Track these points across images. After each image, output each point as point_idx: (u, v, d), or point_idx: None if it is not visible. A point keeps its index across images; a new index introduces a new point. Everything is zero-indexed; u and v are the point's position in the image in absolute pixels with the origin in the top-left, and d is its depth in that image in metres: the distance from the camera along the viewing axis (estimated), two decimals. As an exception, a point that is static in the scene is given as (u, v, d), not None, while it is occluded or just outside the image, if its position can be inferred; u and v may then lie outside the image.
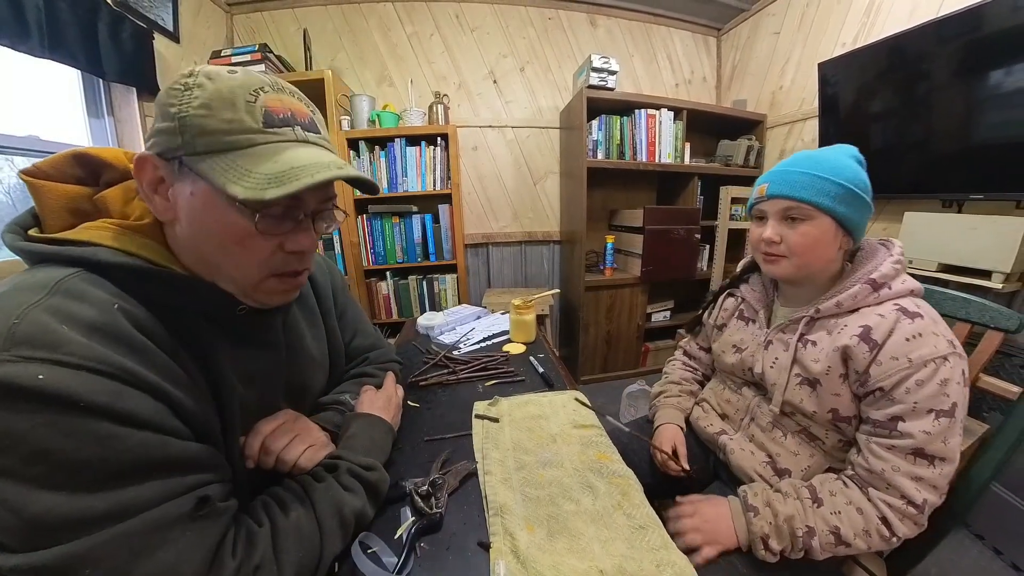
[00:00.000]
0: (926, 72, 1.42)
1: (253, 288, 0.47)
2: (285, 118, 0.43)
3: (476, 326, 1.33)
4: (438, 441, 0.73)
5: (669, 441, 0.83)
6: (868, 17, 1.75)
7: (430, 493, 0.58)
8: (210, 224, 0.42)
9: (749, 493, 0.66)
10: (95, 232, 0.41)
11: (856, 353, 0.59)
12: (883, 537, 0.57)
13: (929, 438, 0.54)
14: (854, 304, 0.62)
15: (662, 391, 0.96)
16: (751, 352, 0.76)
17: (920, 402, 0.54)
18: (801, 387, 0.66)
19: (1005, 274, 1.24)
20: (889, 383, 0.56)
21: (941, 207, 1.48)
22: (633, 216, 2.24)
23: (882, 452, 0.57)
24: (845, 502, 0.59)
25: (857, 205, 0.63)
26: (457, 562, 0.50)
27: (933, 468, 0.55)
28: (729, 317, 0.85)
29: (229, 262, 0.44)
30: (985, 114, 1.29)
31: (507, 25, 2.34)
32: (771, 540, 0.60)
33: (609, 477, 0.64)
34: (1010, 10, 1.18)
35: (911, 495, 0.55)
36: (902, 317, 0.57)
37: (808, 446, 0.69)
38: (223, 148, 0.40)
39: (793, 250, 0.65)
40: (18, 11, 1.08)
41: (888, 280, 0.61)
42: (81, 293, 0.36)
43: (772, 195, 0.66)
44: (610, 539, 0.53)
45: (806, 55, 2.06)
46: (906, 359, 0.55)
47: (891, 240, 0.68)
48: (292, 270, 0.48)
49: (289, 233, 0.46)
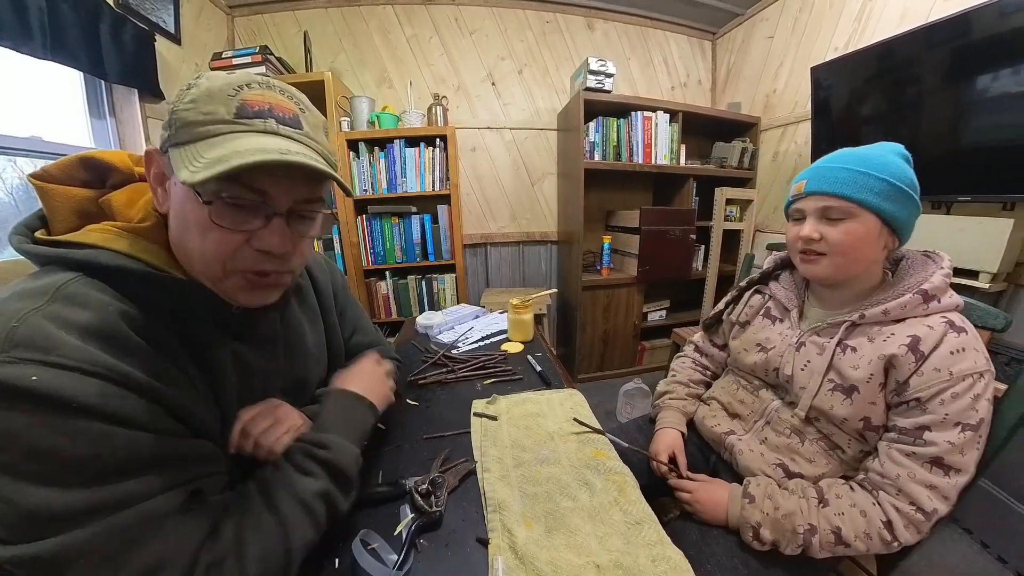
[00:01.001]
0: (916, 76, 1.43)
1: (218, 284, 0.45)
2: (260, 111, 0.41)
3: (474, 325, 1.33)
4: (437, 439, 0.73)
5: (667, 448, 0.80)
6: (859, 22, 1.76)
7: (430, 491, 0.58)
8: (184, 214, 0.42)
9: (753, 483, 0.66)
10: (98, 235, 0.42)
11: (902, 363, 0.57)
12: (884, 541, 0.57)
13: (951, 449, 0.54)
14: (903, 314, 0.60)
15: (667, 391, 0.93)
16: (779, 352, 0.72)
17: (951, 414, 0.54)
18: (833, 393, 0.63)
19: (992, 274, 1.26)
20: (927, 394, 0.55)
21: (930, 208, 1.49)
22: (630, 217, 2.24)
23: (901, 458, 0.57)
24: (850, 504, 0.59)
25: (904, 202, 0.60)
26: (456, 558, 0.51)
27: (948, 478, 0.55)
28: (754, 315, 0.81)
29: (198, 253, 0.43)
30: (973, 118, 1.30)
31: (505, 28, 2.34)
32: (763, 529, 0.61)
33: (606, 474, 0.64)
34: (996, 17, 1.19)
35: (922, 502, 0.55)
36: (949, 330, 0.56)
37: (827, 454, 0.67)
38: (194, 138, 0.40)
39: (834, 248, 0.62)
40: (21, 13, 1.07)
41: (939, 293, 0.60)
42: (80, 298, 0.37)
43: (811, 192, 0.63)
44: (606, 535, 0.54)
45: (799, 59, 2.06)
46: (948, 372, 0.54)
47: (938, 252, 0.66)
48: (260, 270, 0.45)
49: (257, 230, 0.43)
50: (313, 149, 0.45)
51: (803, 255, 0.67)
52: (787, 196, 0.70)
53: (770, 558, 0.62)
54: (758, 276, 0.84)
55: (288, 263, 0.47)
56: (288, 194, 0.44)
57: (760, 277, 0.84)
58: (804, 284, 0.77)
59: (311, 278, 0.72)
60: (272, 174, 0.41)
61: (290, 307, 0.64)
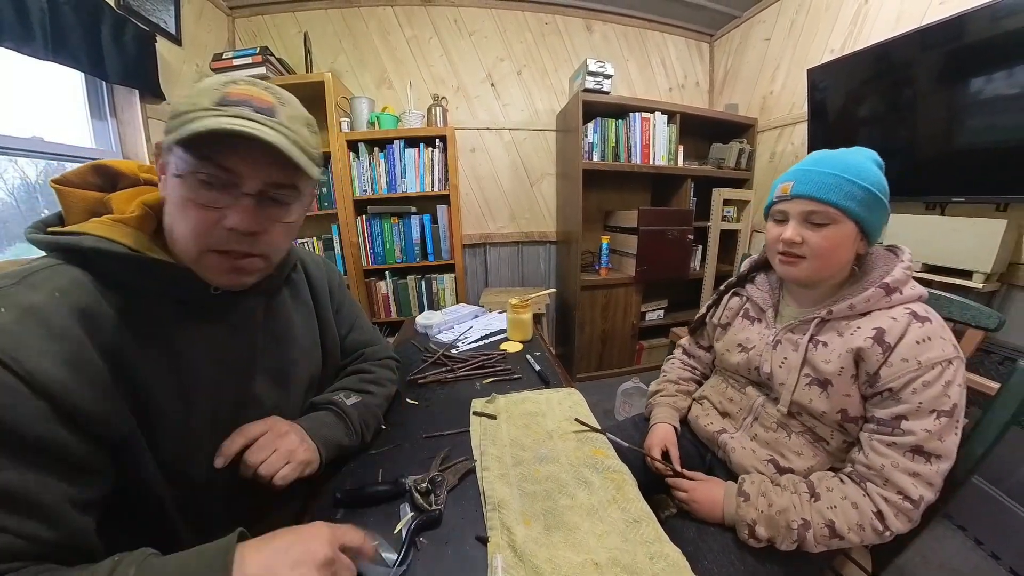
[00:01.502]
0: (910, 79, 1.43)
1: (195, 262, 0.48)
2: (238, 100, 0.45)
3: (474, 325, 1.33)
4: (436, 438, 0.73)
5: (660, 443, 0.81)
6: (855, 25, 1.77)
7: (430, 490, 0.58)
8: (171, 197, 0.46)
9: (747, 481, 0.67)
10: (92, 225, 0.47)
11: (869, 355, 0.59)
12: (876, 531, 0.57)
13: (929, 436, 0.55)
14: (867, 307, 0.62)
15: (658, 390, 0.95)
16: (758, 351, 0.74)
17: (925, 402, 0.55)
18: (811, 387, 0.65)
19: (985, 274, 1.26)
20: (898, 384, 0.56)
21: (925, 209, 1.50)
22: (628, 217, 2.24)
23: (883, 449, 0.58)
24: (841, 497, 0.60)
25: (880, 210, 0.62)
26: (455, 556, 0.51)
27: (930, 465, 0.56)
28: (734, 316, 0.83)
29: (179, 233, 0.47)
30: (966, 120, 1.31)
31: (505, 29, 2.34)
32: (758, 527, 0.61)
33: (604, 472, 0.65)
34: (990, 20, 1.19)
35: (908, 491, 0.56)
36: (913, 321, 0.57)
37: (812, 447, 0.68)
38: (179, 124, 0.43)
39: (815, 252, 0.63)
40: (23, 14, 1.07)
41: (900, 285, 0.61)
42: (39, 281, 0.41)
43: (798, 195, 0.64)
44: (605, 532, 0.54)
45: (795, 61, 2.07)
46: (916, 361, 0.55)
47: (899, 246, 0.67)
48: (232, 249, 0.47)
49: (225, 208, 0.46)
50: (284, 136, 0.46)
51: (782, 256, 0.67)
52: (770, 196, 0.70)
53: (766, 554, 0.63)
54: (735, 279, 0.86)
55: (257, 245, 0.49)
56: (257, 176, 0.46)
57: (737, 280, 0.86)
58: (779, 284, 0.79)
59: (306, 273, 0.73)
60: (238, 152, 0.44)
61: (279, 298, 0.65)
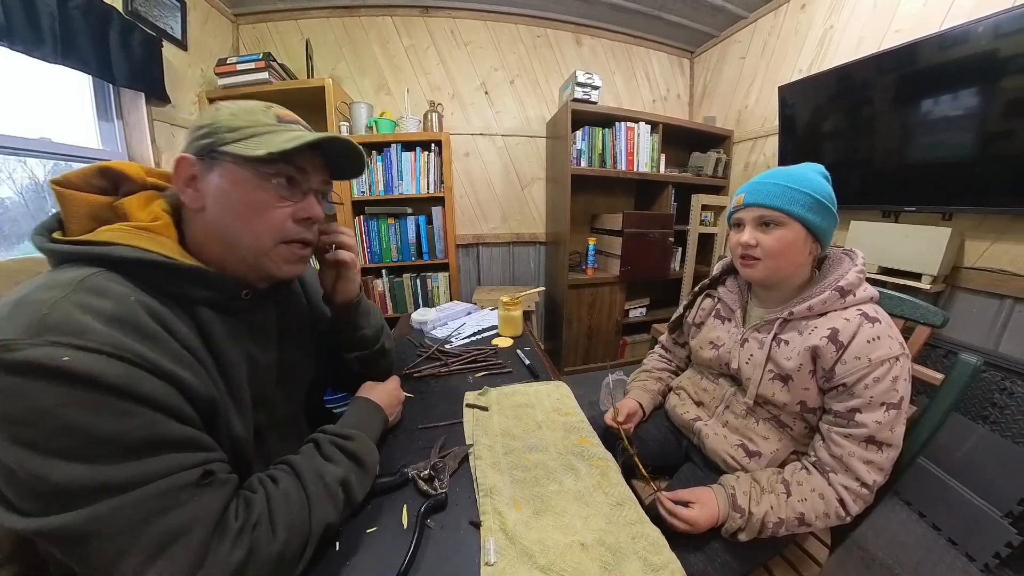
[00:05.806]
0: (870, 99, 1.47)
1: (265, 255, 0.50)
2: (290, 120, 0.52)
3: (467, 321, 1.33)
4: (431, 429, 0.74)
5: (625, 409, 0.85)
6: (821, 47, 1.80)
7: (432, 476, 0.59)
8: (235, 199, 0.47)
9: (738, 492, 0.64)
10: (113, 234, 0.43)
11: (824, 353, 0.60)
12: (839, 516, 0.60)
13: (880, 427, 0.57)
14: (823, 308, 0.64)
15: (635, 378, 1.00)
16: (728, 349, 0.77)
17: (875, 396, 0.57)
18: (774, 382, 0.68)
19: (932, 276, 1.31)
20: (851, 379, 0.58)
21: (881, 217, 1.54)
22: (613, 220, 2.26)
23: (841, 440, 0.60)
24: (810, 489, 0.62)
25: (824, 214, 0.65)
26: (450, 540, 0.51)
27: (881, 453, 0.58)
28: (707, 316, 0.85)
29: (248, 231, 0.48)
30: (917, 137, 1.35)
31: (499, 41, 2.33)
32: (741, 534, 0.63)
33: (590, 459, 0.66)
34: (937, 48, 1.24)
35: (864, 477, 0.58)
36: (864, 321, 0.59)
37: (778, 432, 0.70)
38: (243, 136, 0.46)
39: (768, 252, 0.66)
40: (33, 19, 1.04)
41: (853, 288, 0.63)
42: (102, 289, 0.38)
43: (748, 204, 0.68)
44: (591, 515, 0.55)
45: (768, 79, 2.10)
46: (867, 359, 0.58)
47: (854, 250, 0.70)
48: (301, 238, 0.52)
49: (299, 203, 0.51)
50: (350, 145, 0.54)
51: (743, 260, 0.71)
52: (729, 207, 0.74)
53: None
54: (708, 281, 0.89)
55: (315, 234, 0.55)
56: (316, 174, 0.52)
57: (710, 282, 0.88)
58: (747, 287, 0.82)
59: (300, 282, 0.72)
60: (306, 156, 0.50)
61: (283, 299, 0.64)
